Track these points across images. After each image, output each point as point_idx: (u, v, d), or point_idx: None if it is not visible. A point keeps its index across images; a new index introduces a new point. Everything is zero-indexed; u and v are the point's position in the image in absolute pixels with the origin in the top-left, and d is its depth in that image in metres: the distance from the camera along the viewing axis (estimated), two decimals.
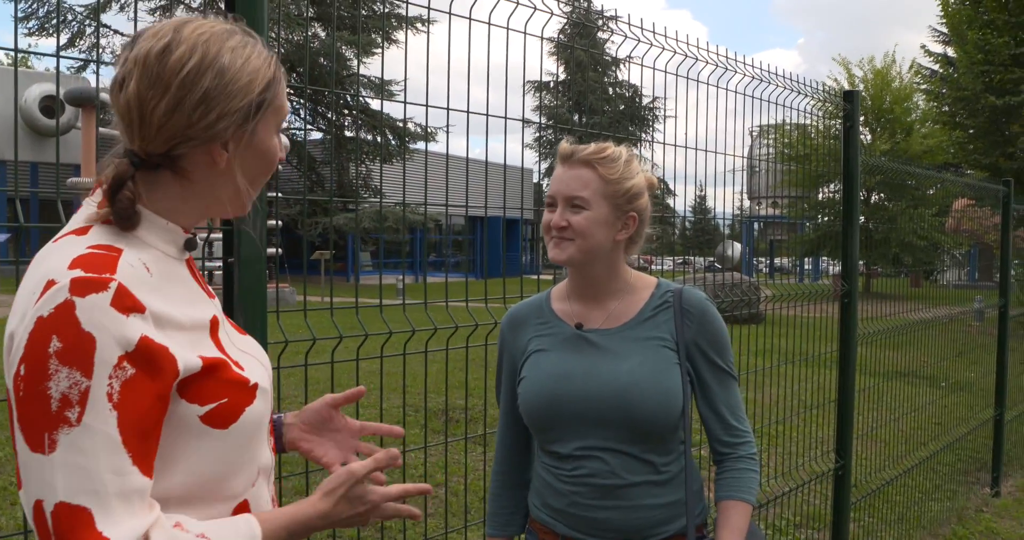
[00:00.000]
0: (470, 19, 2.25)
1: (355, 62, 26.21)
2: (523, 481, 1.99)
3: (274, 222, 2.35)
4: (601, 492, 1.76)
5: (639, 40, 2.79)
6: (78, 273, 0.99)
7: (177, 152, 1.11)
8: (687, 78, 3.01)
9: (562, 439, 1.80)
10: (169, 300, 1.09)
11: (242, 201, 1.21)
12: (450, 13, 2.23)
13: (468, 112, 2.34)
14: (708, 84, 3.12)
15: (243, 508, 1.17)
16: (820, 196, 18.15)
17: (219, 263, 1.79)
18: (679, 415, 1.77)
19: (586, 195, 1.75)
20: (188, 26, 1.12)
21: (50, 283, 0.99)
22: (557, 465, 1.82)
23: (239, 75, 1.11)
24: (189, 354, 1.07)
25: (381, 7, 25.57)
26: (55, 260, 1.03)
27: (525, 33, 2.42)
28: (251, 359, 1.23)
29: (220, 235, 1.79)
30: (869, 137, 23.68)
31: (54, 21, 25.90)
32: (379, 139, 26.52)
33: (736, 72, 3.23)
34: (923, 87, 22.74)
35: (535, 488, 1.90)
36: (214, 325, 1.18)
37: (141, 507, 0.99)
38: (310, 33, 25.49)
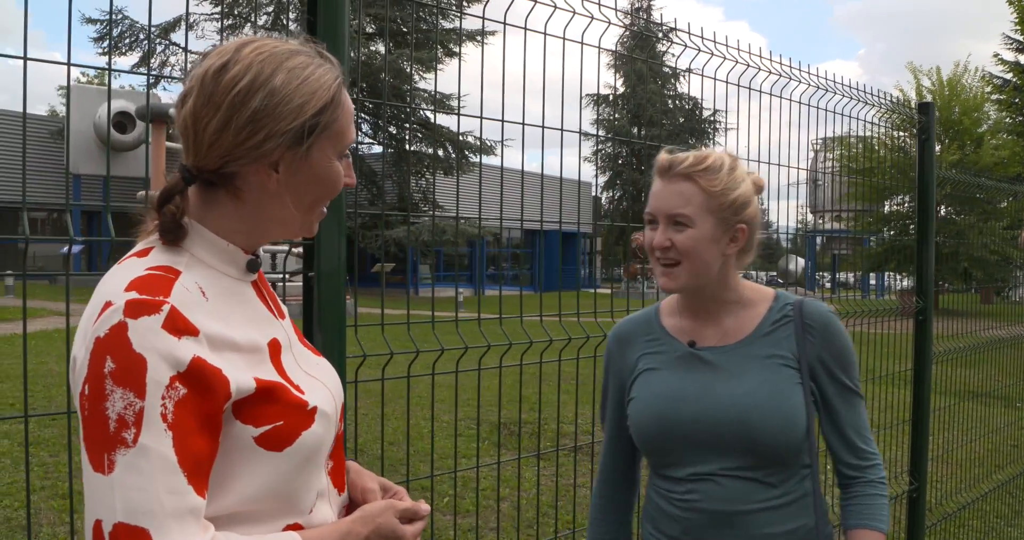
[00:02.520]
0: (525, 29, 2.26)
1: (416, 77, 26.55)
2: (626, 506, 1.90)
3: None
4: (718, 518, 1.65)
5: (699, 49, 2.76)
6: (133, 295, 1.01)
7: (227, 170, 1.11)
8: (748, 88, 2.97)
9: (676, 463, 1.70)
10: (227, 322, 1.09)
11: (298, 224, 1.19)
12: (504, 22, 2.23)
13: (500, 121, 2.35)
14: (769, 94, 3.07)
15: (295, 529, 1.15)
16: (886, 209, 17.73)
17: (284, 275, 1.81)
18: (803, 438, 1.65)
19: (688, 212, 1.63)
20: (249, 45, 1.12)
21: (107, 305, 1.01)
22: (670, 489, 1.71)
23: (291, 97, 1.10)
24: (244, 375, 1.07)
25: (438, 20, 25.87)
26: (114, 282, 1.05)
27: (582, 43, 2.42)
28: (316, 383, 1.22)
29: (301, 249, 1.82)
30: (937, 148, 23.09)
31: (127, 40, 26.78)
32: (438, 153, 26.79)
33: (797, 81, 3.17)
34: (995, 97, 22.09)
35: (647, 513, 1.80)
36: (276, 347, 1.18)
37: (196, 527, 0.99)
38: (372, 49, 25.93)
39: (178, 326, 1.01)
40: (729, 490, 1.64)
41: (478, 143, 25.49)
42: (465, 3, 24.73)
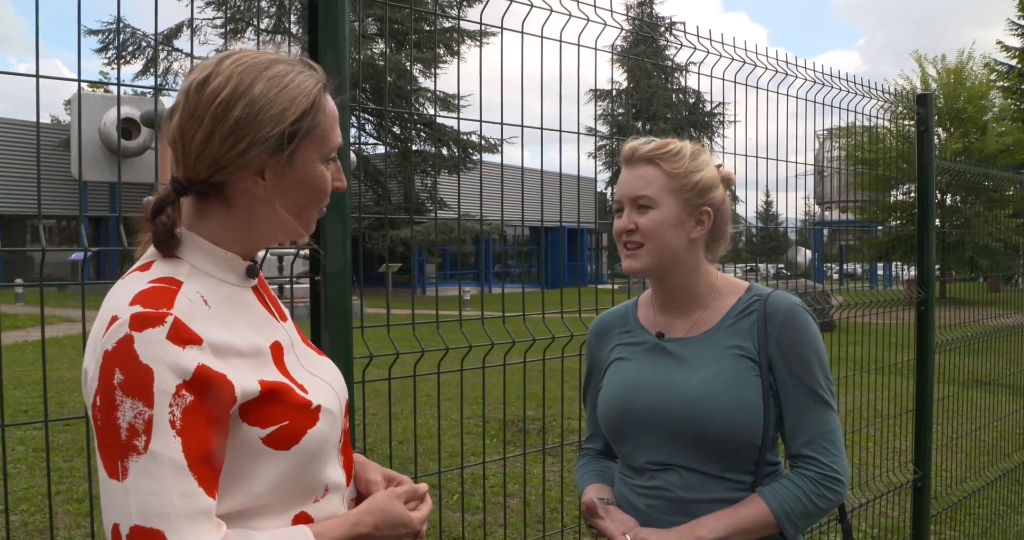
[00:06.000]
0: (522, 33, 2.31)
1: (420, 78, 26.58)
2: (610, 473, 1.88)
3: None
4: (674, 506, 1.64)
5: (695, 48, 2.79)
6: (137, 309, 1.06)
7: (216, 179, 1.15)
8: (746, 85, 3.00)
9: (635, 452, 1.71)
10: (229, 328, 1.14)
11: (292, 229, 1.22)
12: (502, 28, 2.28)
13: (500, 124, 2.39)
14: (768, 90, 3.11)
15: (301, 520, 1.20)
16: (892, 199, 17.71)
17: (291, 278, 1.85)
18: (758, 432, 1.60)
19: (650, 193, 1.65)
20: (230, 58, 1.16)
21: (113, 319, 1.06)
22: (632, 477, 1.73)
23: (271, 104, 1.13)
24: (248, 379, 1.12)
25: (440, 22, 25.88)
26: (119, 296, 1.10)
27: (579, 45, 2.46)
28: (319, 382, 1.27)
29: (307, 252, 1.86)
30: (942, 136, 23.03)
31: (130, 48, 26.94)
32: (442, 152, 26.84)
33: (795, 77, 3.21)
34: (999, 84, 22.00)
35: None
36: (278, 350, 1.23)
37: (208, 527, 1.05)
38: (375, 51, 25.97)
39: (182, 336, 1.06)
40: (687, 478, 1.64)
41: (481, 142, 25.53)
42: (465, 3, 24.75)
